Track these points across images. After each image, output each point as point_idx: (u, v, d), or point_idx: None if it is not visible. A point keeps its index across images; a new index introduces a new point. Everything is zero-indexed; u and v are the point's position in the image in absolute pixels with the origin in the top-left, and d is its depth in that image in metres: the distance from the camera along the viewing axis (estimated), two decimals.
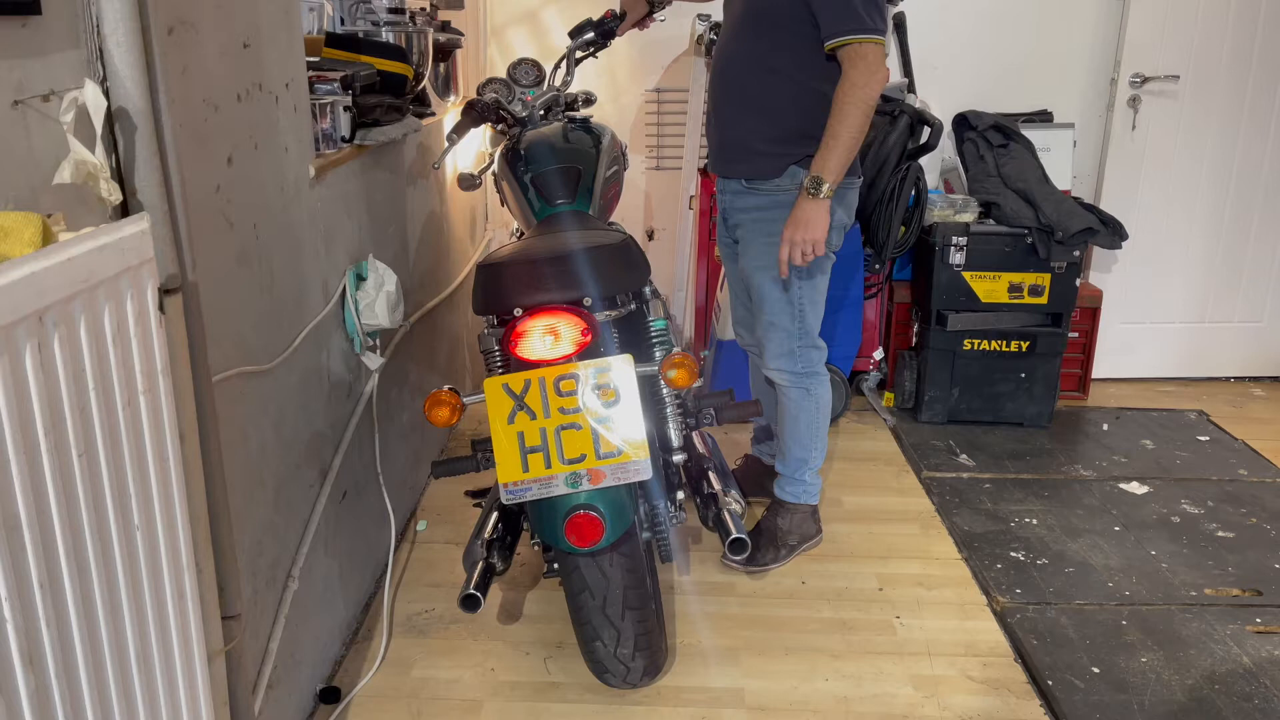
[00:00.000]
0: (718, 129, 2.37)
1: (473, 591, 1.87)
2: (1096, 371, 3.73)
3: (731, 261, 2.54)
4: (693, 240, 3.68)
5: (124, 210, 1.24)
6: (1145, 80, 3.58)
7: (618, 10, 2.71)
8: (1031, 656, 2.17)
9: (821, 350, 2.43)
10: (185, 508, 1.21)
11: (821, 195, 2.14)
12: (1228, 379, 3.93)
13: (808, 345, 2.40)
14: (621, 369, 1.81)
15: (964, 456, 3.20)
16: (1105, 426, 3.45)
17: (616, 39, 2.75)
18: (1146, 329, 3.86)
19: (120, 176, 1.23)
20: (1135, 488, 2.99)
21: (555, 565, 1.99)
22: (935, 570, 2.53)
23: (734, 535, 1.99)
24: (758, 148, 2.27)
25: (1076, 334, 3.54)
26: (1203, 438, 3.36)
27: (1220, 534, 2.71)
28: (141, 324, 1.10)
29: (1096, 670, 2.13)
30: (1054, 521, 2.77)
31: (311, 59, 2.02)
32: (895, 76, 3.63)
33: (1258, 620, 2.31)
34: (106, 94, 1.19)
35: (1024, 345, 3.35)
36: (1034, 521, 2.77)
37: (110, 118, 1.20)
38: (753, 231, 2.35)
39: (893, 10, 3.46)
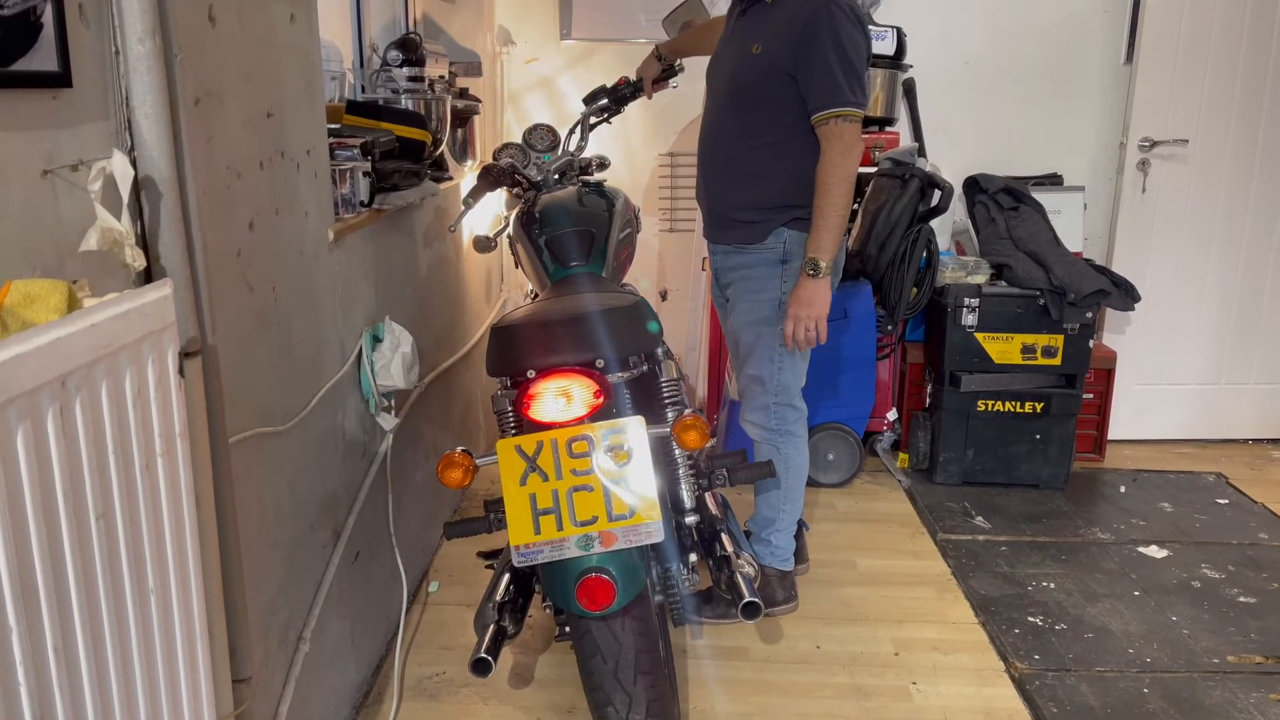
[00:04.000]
0: (708, 200, 2.48)
1: (484, 655, 1.85)
2: (1112, 433, 3.70)
3: (725, 319, 2.59)
4: (705, 301, 3.70)
5: (148, 275, 1.26)
6: (1154, 144, 3.62)
7: (631, 77, 2.77)
8: None
9: (799, 411, 2.45)
10: (200, 571, 1.21)
11: (820, 275, 2.25)
12: (1245, 441, 3.90)
13: (784, 403, 2.43)
14: (634, 430, 1.81)
15: (980, 518, 3.17)
16: (1122, 489, 3.42)
17: (630, 105, 2.81)
18: (1162, 390, 3.84)
19: (145, 243, 1.26)
20: (1154, 551, 2.95)
21: (567, 629, 1.97)
22: (952, 635, 2.50)
23: (747, 599, 1.97)
24: (747, 216, 2.37)
25: (1091, 395, 3.53)
26: (1222, 500, 3.32)
27: (1242, 599, 2.67)
28: (162, 387, 1.12)
29: None
30: (1072, 585, 2.74)
31: (332, 126, 2.07)
32: (905, 140, 3.68)
33: None
34: (134, 163, 1.22)
35: (1038, 406, 3.34)
36: (1052, 585, 2.74)
37: (137, 186, 1.23)
38: (740, 289, 2.43)
39: (903, 76, 3.52)
